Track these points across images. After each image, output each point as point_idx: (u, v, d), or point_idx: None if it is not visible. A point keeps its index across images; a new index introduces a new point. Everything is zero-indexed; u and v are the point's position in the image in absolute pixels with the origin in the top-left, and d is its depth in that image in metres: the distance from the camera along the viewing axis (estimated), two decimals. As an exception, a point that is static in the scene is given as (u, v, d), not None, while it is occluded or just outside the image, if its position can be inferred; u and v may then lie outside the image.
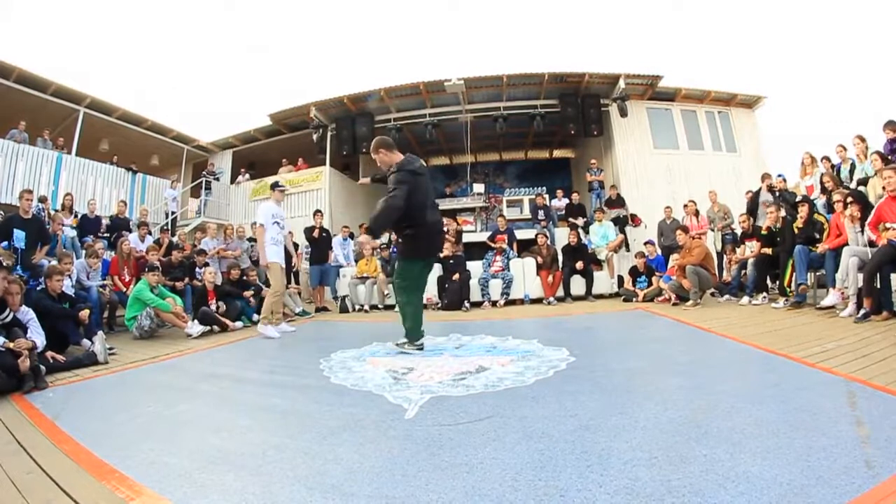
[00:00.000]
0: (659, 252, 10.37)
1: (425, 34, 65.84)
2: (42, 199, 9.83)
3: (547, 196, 13.96)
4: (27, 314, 4.92)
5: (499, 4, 60.19)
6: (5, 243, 7.02)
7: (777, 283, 8.10)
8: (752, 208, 9.74)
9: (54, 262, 6.90)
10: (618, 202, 13.02)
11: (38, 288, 6.18)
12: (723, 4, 52.72)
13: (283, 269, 7.55)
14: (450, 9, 61.99)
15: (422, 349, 5.16)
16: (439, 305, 10.01)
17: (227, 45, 63.21)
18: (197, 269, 9.24)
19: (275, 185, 7.81)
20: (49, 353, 4.95)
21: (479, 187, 16.18)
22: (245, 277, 8.98)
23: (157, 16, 54.59)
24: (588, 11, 57.97)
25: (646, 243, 10.54)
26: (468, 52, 59.23)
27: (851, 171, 8.27)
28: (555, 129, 16.09)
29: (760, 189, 10.08)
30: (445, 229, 11.62)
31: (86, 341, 5.83)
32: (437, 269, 10.40)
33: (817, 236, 7.02)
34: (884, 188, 5.78)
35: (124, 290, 8.12)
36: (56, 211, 10.24)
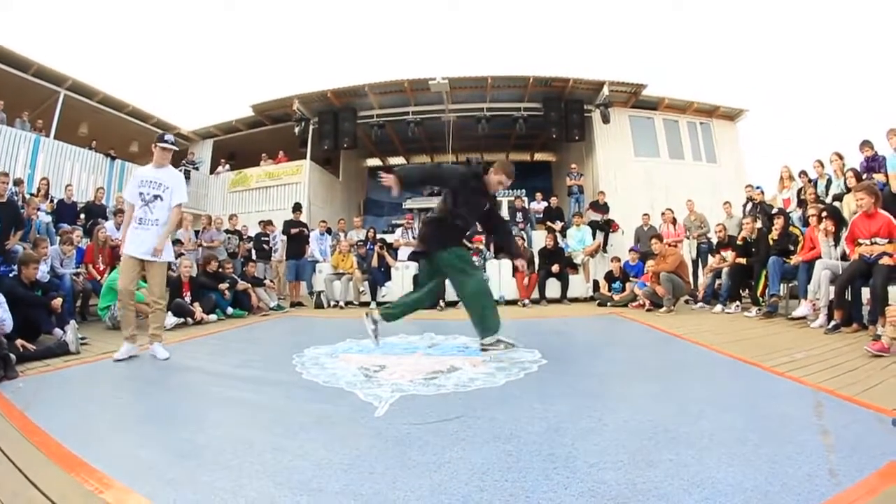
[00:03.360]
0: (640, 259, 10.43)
1: (411, 32, 65.74)
2: (17, 182, 9.65)
3: (525, 199, 13.98)
4: (-3, 300, 4.85)
5: (487, 6, 60.23)
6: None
7: (748, 292, 8.20)
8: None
9: (28, 249, 6.78)
10: (603, 208, 13.06)
11: (10, 275, 6.07)
12: (711, 18, 53.27)
13: (139, 262, 5.21)
14: (442, 3, 61.94)
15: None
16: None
17: (213, 34, 62.57)
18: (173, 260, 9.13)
19: (160, 138, 5.56)
20: (19, 342, 4.86)
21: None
22: (221, 269, 8.89)
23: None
24: (575, 17, 58.21)
25: (630, 250, 10.61)
26: (453, 52, 59.20)
27: (827, 187, 8.39)
28: (537, 132, 16.18)
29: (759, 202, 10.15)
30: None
31: (58, 330, 5.72)
32: (413, 268, 10.40)
33: (791, 248, 7.12)
34: (858, 206, 5.87)
35: (98, 278, 8.00)
36: (31, 195, 10.06)
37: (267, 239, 11.82)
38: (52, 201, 10.54)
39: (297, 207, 11.79)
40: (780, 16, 51.09)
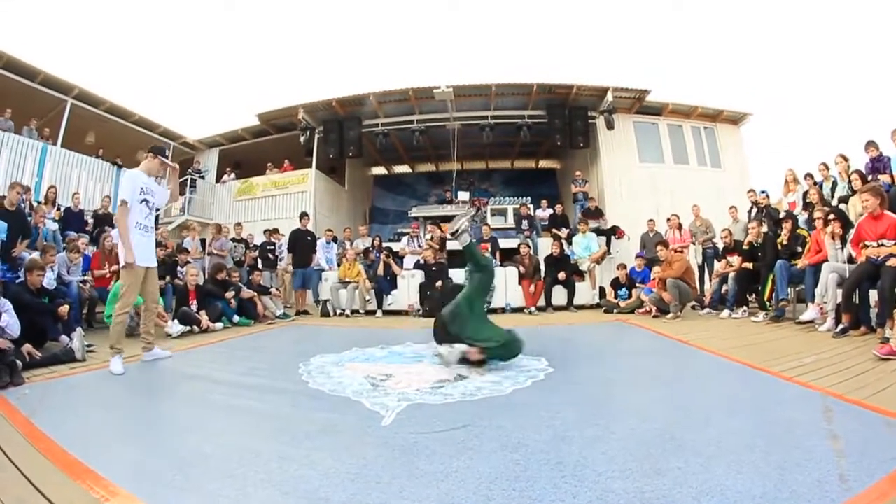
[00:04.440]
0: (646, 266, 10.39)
1: (416, 41, 65.99)
2: (25, 190, 9.68)
3: (531, 206, 13.98)
4: (3, 305, 4.85)
5: (490, 14, 60.41)
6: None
7: (755, 296, 8.17)
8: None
9: (35, 256, 6.80)
10: (596, 213, 13.05)
11: (17, 281, 6.08)
12: (714, 22, 53.35)
13: (149, 272, 5.38)
14: (445, 12, 62.15)
15: None
16: (420, 313, 9.97)
17: (219, 43, 62.89)
18: (179, 269, 9.14)
19: (156, 150, 5.79)
20: (26, 348, 4.87)
21: (463, 195, 16.21)
22: (228, 278, 8.90)
23: (147, 8, 54.09)
24: (578, 25, 58.37)
25: (637, 256, 10.57)
26: (457, 60, 59.37)
27: (833, 189, 8.37)
28: (541, 139, 16.23)
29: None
30: (429, 236, 11.65)
31: (64, 337, 5.70)
32: (419, 276, 10.40)
33: (799, 250, 7.09)
34: (864, 208, 5.84)
35: (105, 286, 8.01)
36: (39, 203, 10.10)
37: (272, 248, 11.82)
38: (59, 209, 10.58)
39: (304, 216, 11.73)
40: (783, 19, 51.10)
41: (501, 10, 60.48)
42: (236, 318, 8.53)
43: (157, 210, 5.55)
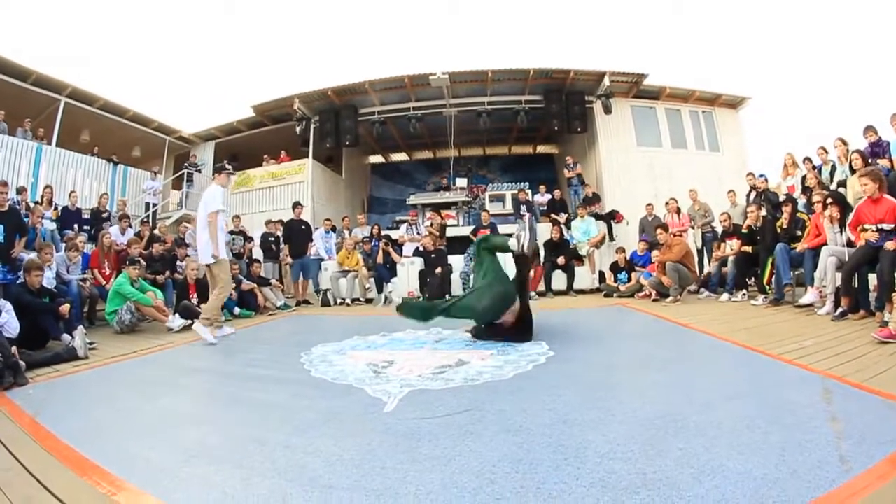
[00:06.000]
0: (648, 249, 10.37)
1: (410, 28, 65.63)
2: (20, 191, 9.66)
3: (529, 191, 13.95)
4: (3, 305, 4.85)
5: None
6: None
7: (754, 280, 8.18)
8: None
9: (34, 256, 6.78)
10: (594, 199, 13.02)
11: (17, 282, 6.08)
12: (711, 5, 53.09)
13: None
14: (438, 2, 61.84)
15: None
16: (421, 299, 9.97)
17: (212, 36, 62.50)
18: (178, 263, 9.14)
19: (223, 168, 7.20)
20: (14, 349, 4.82)
21: (461, 181, 16.18)
22: (229, 271, 8.89)
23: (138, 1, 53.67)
24: (574, 8, 58.07)
25: (641, 240, 10.54)
26: (453, 47, 59.08)
27: (832, 173, 8.36)
28: (539, 124, 16.15)
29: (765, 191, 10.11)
30: (429, 223, 11.66)
31: (66, 336, 5.74)
32: (419, 263, 10.41)
33: (799, 234, 7.10)
34: (863, 192, 5.84)
35: (104, 283, 7.99)
36: (36, 203, 10.06)
37: (273, 239, 11.76)
38: (56, 208, 10.56)
39: (297, 205, 11.69)
40: (782, 2, 50.86)
41: (497, -4, 60.12)
42: (237, 311, 8.54)
43: None
